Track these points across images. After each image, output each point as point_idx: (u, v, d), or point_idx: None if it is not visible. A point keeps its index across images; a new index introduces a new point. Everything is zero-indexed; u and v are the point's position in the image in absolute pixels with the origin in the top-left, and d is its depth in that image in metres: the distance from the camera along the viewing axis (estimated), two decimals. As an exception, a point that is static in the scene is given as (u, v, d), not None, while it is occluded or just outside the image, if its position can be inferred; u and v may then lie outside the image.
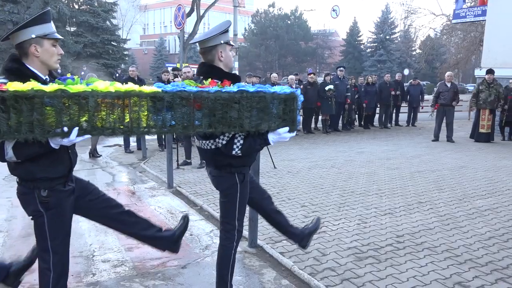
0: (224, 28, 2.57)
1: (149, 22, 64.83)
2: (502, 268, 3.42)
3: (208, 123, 2.25)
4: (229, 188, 2.66)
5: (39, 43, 2.11)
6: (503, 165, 7.47)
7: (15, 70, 2.09)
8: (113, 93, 2.02)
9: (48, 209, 2.19)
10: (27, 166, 2.11)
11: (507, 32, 11.29)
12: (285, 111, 2.43)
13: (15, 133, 1.87)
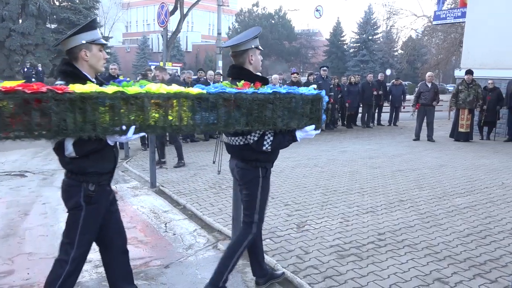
0: (255, 34, 2.78)
1: (131, 20, 64.12)
2: (480, 264, 3.51)
3: (246, 122, 2.43)
4: (251, 180, 2.82)
5: (88, 48, 2.30)
6: (481, 163, 7.64)
7: (69, 73, 2.27)
8: (165, 94, 2.18)
9: (89, 204, 2.34)
10: (80, 161, 2.27)
11: (485, 34, 11.55)
12: (311, 110, 2.65)
13: (80, 131, 2.02)
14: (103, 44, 2.39)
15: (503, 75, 10.95)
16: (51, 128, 1.98)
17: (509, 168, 7.24)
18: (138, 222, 4.62)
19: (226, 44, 2.89)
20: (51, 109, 1.95)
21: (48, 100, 1.94)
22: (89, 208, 2.35)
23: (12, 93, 1.88)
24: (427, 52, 38.65)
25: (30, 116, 1.93)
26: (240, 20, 46.65)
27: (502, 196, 5.54)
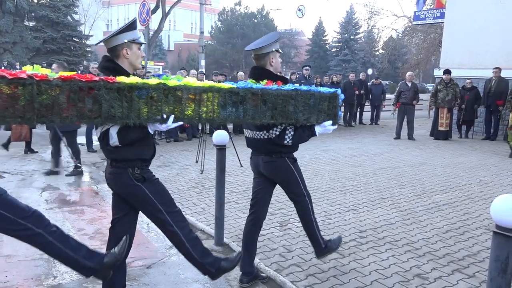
0: (276, 38, 3.02)
1: (112, 18, 63.28)
2: (458, 259, 3.59)
3: (271, 115, 2.67)
4: (282, 170, 3.01)
5: (129, 47, 2.47)
6: (460, 161, 7.80)
7: (112, 69, 2.42)
8: (200, 87, 2.39)
9: (144, 181, 2.50)
10: (124, 150, 2.41)
11: (463, 34, 11.79)
12: (329, 107, 2.92)
13: (126, 118, 2.18)
14: (141, 43, 2.57)
15: (480, 75, 11.20)
16: (101, 115, 2.13)
17: (487, 166, 7.41)
18: (120, 222, 4.57)
19: (249, 47, 3.07)
20: (102, 96, 2.11)
21: (100, 88, 2.10)
22: (146, 184, 2.51)
23: (69, 81, 2.03)
24: (407, 52, 39.23)
25: (83, 103, 2.08)
26: (223, 19, 46.52)
27: (479, 193, 5.67)
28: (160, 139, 10.21)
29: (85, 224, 4.50)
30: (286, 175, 3.03)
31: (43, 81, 1.98)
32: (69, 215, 4.75)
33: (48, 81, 1.99)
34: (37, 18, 24.64)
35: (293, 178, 3.04)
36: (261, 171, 3.09)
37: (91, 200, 5.38)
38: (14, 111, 1.95)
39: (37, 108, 1.98)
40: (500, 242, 1.89)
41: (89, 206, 5.12)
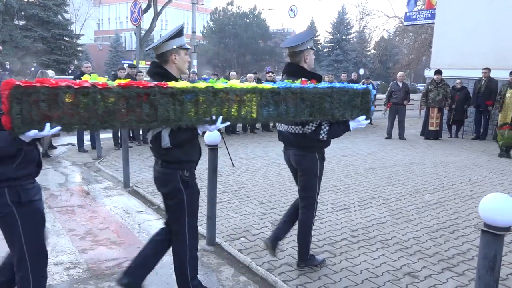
0: (311, 36, 3.20)
1: (103, 17, 62.89)
2: (448, 258, 3.62)
3: (309, 113, 2.80)
4: (310, 164, 3.14)
5: (177, 53, 2.61)
6: (450, 161, 7.87)
7: (162, 74, 2.57)
8: (245, 89, 2.53)
9: (187, 188, 2.65)
10: (175, 151, 2.54)
11: (454, 35, 11.90)
12: (362, 102, 3.04)
13: (179, 121, 2.33)
14: (188, 49, 2.71)
15: (470, 75, 11.31)
16: (157, 118, 2.27)
17: (476, 165, 7.49)
18: (111, 223, 4.55)
19: (285, 44, 3.22)
20: (157, 101, 2.24)
21: (155, 94, 2.24)
22: (188, 191, 2.65)
23: (128, 88, 2.16)
24: (398, 52, 39.48)
25: (141, 108, 2.21)
26: (215, 18, 46.44)
27: (469, 192, 5.73)
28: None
29: (76, 224, 4.47)
30: (310, 170, 3.15)
31: (105, 89, 2.11)
32: (60, 215, 4.72)
33: (109, 89, 2.12)
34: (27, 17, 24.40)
35: (313, 176, 3.16)
36: (291, 164, 3.26)
37: (82, 200, 5.35)
38: (80, 118, 2.07)
39: (100, 115, 2.11)
40: (488, 240, 1.91)
41: (80, 206, 5.09)
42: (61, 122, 2.03)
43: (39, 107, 1.95)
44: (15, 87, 1.88)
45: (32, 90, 1.93)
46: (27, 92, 1.92)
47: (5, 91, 1.88)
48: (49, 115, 1.99)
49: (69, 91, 2.02)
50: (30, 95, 1.93)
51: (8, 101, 1.87)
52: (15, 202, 2.16)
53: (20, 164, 2.16)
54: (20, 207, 2.18)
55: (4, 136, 1.99)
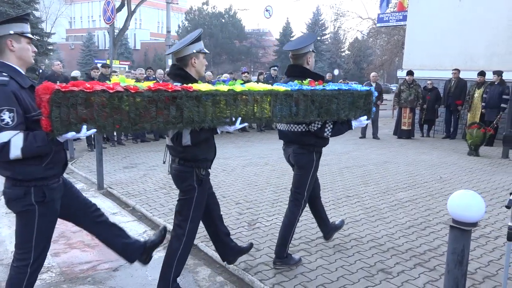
0: (313, 40, 3.42)
1: (76, 15, 61.57)
2: (420, 254, 3.72)
3: (317, 114, 2.98)
4: (307, 163, 3.29)
5: (197, 56, 2.76)
6: (421, 159, 8.08)
7: (183, 76, 2.72)
8: (262, 91, 2.69)
9: (200, 185, 2.78)
10: (192, 150, 2.69)
11: (425, 37, 12.21)
12: (364, 103, 3.24)
13: (203, 122, 2.47)
14: (206, 53, 2.87)
15: (441, 76, 11.64)
16: (183, 120, 2.40)
17: (447, 163, 7.71)
18: (85, 225, 4.46)
19: (288, 47, 3.36)
20: (184, 104, 2.38)
21: (182, 97, 2.37)
22: (200, 189, 2.79)
23: (157, 92, 2.28)
24: (372, 53, 40.16)
25: (168, 110, 2.34)
26: (190, 18, 46.15)
27: (440, 189, 5.89)
28: (127, 140, 10.03)
29: (48, 227, 4.36)
30: (305, 167, 3.31)
31: (137, 93, 2.22)
32: (31, 218, 4.60)
33: (140, 92, 2.24)
34: (-5, 14, 23.62)
35: (306, 175, 3.32)
36: (290, 161, 3.42)
37: (54, 203, 5.23)
38: (114, 120, 2.18)
39: (132, 117, 2.23)
40: (456, 235, 1.98)
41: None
42: (96, 124, 2.14)
43: (77, 110, 2.05)
44: (55, 92, 1.98)
45: (71, 94, 2.03)
46: (66, 96, 2.01)
47: (45, 95, 1.98)
48: (85, 117, 2.09)
49: (104, 95, 2.13)
50: (69, 99, 2.02)
51: (48, 105, 1.96)
52: (39, 202, 2.25)
53: (48, 164, 2.24)
54: (42, 205, 2.27)
55: (42, 136, 2.08)
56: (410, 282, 3.21)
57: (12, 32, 2.22)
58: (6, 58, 2.23)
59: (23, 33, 2.27)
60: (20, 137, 2.07)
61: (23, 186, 2.21)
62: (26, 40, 2.29)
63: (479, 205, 1.95)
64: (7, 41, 2.22)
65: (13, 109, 2.06)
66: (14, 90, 2.11)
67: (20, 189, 2.21)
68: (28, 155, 2.10)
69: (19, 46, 2.25)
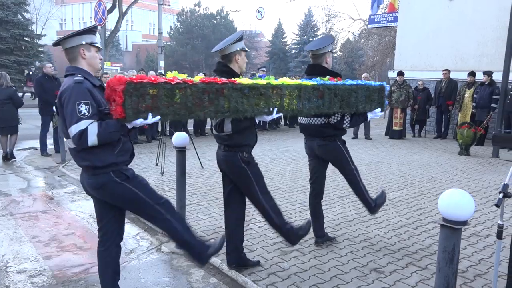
0: (331, 41, 3.76)
1: (66, 17, 61.14)
2: (412, 253, 3.75)
3: (339, 105, 3.32)
4: (335, 151, 3.65)
5: (240, 54, 3.12)
6: (413, 159, 8.14)
7: (229, 72, 3.05)
8: (294, 85, 3.02)
9: (248, 165, 3.12)
10: (236, 137, 3.02)
11: (415, 38, 12.30)
12: (378, 97, 3.62)
13: (246, 112, 2.78)
14: (247, 51, 3.21)
15: (431, 76, 11.73)
16: (230, 110, 2.69)
17: (438, 163, 7.78)
18: (77, 228, 4.45)
19: (308, 48, 3.67)
20: (231, 95, 2.67)
21: (229, 89, 2.67)
22: (250, 167, 3.11)
23: (210, 84, 2.59)
24: (363, 54, 40.29)
25: (218, 100, 2.64)
26: (182, 19, 46.00)
27: (431, 189, 5.94)
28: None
29: (39, 231, 4.34)
30: (338, 156, 3.67)
31: (193, 84, 2.51)
32: (22, 222, 4.57)
33: (196, 84, 2.53)
34: (-15, 16, 23.36)
35: (344, 157, 3.68)
36: (315, 153, 3.73)
37: (46, 206, 5.19)
38: (174, 109, 2.46)
39: (189, 106, 2.52)
40: (447, 234, 2.01)
41: (43, 212, 4.94)
42: (160, 112, 2.41)
43: (145, 99, 2.33)
44: (128, 83, 2.26)
45: (140, 85, 2.31)
46: (137, 87, 2.29)
47: (119, 86, 2.25)
48: (151, 106, 2.36)
49: (167, 86, 2.41)
50: (139, 90, 2.30)
51: (122, 94, 2.24)
52: (124, 180, 2.52)
53: (120, 151, 2.52)
54: (128, 181, 2.54)
55: (114, 123, 2.37)
56: (402, 281, 3.23)
57: (84, 42, 2.54)
58: (79, 65, 2.55)
59: (92, 43, 2.58)
60: (95, 125, 2.35)
61: (102, 173, 2.48)
62: (95, 49, 2.60)
63: (469, 204, 1.97)
64: (80, 50, 2.53)
65: (88, 102, 2.36)
66: (88, 87, 2.42)
67: (101, 176, 2.49)
68: (102, 141, 2.38)
69: (90, 54, 2.57)
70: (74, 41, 2.54)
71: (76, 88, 2.38)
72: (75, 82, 2.41)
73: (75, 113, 2.33)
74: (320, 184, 3.86)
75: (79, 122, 2.32)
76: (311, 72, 3.62)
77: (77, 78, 2.43)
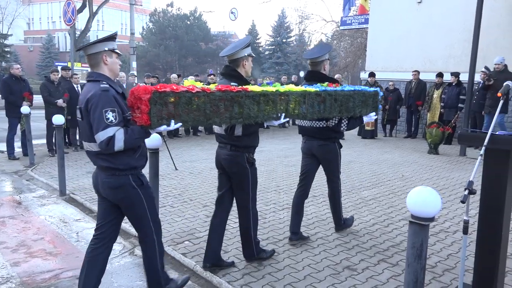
0: (329, 49, 4.07)
1: (34, 16, 59.48)
2: (383, 250, 3.83)
3: (339, 110, 3.55)
4: (332, 152, 3.94)
5: (247, 59, 3.27)
6: (385, 158, 8.31)
7: (237, 76, 3.21)
8: (299, 92, 3.23)
9: (251, 166, 3.30)
10: (244, 139, 3.20)
11: (386, 40, 12.57)
12: (373, 102, 3.89)
13: (257, 118, 2.94)
14: (253, 56, 3.37)
15: (402, 77, 12.01)
16: (243, 116, 2.86)
17: (408, 162, 7.97)
18: (47, 233, 4.33)
19: (307, 56, 3.94)
20: (244, 103, 2.84)
21: (242, 96, 2.84)
22: (252, 169, 3.30)
23: (225, 92, 2.76)
24: (336, 55, 40.87)
25: (232, 107, 2.81)
26: (155, 20, 45.46)
27: (402, 187, 6.08)
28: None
29: (6, 237, 4.20)
30: (334, 158, 3.97)
31: (211, 93, 2.68)
32: (-12, 228, 4.41)
33: (213, 93, 2.69)
34: None
35: (335, 162, 3.99)
36: (313, 153, 3.96)
37: (13, 211, 5.03)
38: (194, 116, 2.62)
39: (207, 113, 2.68)
40: (415, 230, 2.06)
41: (11, 217, 4.79)
42: (181, 119, 2.56)
43: (168, 107, 2.48)
44: (154, 92, 2.40)
45: (164, 94, 2.45)
46: (161, 96, 2.44)
47: (145, 95, 2.39)
48: (173, 113, 2.51)
49: (187, 95, 2.57)
50: (163, 98, 2.45)
51: (148, 103, 2.38)
52: (139, 185, 2.67)
53: (139, 155, 2.68)
54: (142, 188, 2.69)
55: (138, 130, 2.51)
56: (374, 277, 3.30)
57: (107, 48, 2.65)
58: (101, 70, 2.64)
59: (113, 50, 2.70)
60: (121, 132, 2.47)
61: (122, 175, 2.61)
62: (116, 55, 2.72)
63: (436, 201, 2.03)
64: (103, 56, 2.63)
65: (115, 109, 2.47)
66: (114, 94, 2.53)
67: (121, 178, 2.61)
68: (128, 146, 2.52)
69: (111, 60, 2.68)
70: (97, 48, 2.64)
71: (103, 95, 2.48)
72: (101, 89, 2.50)
73: (102, 120, 2.43)
74: (309, 180, 4.06)
75: (107, 129, 2.43)
76: (311, 78, 3.84)
77: (103, 86, 2.53)
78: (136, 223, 2.80)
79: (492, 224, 2.61)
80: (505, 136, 2.56)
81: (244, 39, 3.33)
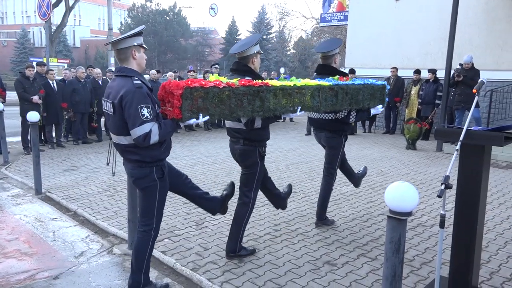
0: (340, 43, 4.18)
1: (8, 10, 57.85)
2: (363, 245, 3.87)
3: (349, 103, 3.76)
4: (337, 143, 4.12)
5: (256, 56, 3.37)
6: (364, 154, 8.40)
7: (249, 71, 3.31)
8: (314, 86, 3.41)
9: (261, 161, 3.43)
10: (258, 132, 3.32)
11: (364, 36, 12.70)
12: (380, 94, 4.11)
13: (275, 111, 3.13)
14: (261, 53, 3.46)
15: (380, 74, 12.12)
16: (263, 109, 3.03)
17: (387, 157, 8.08)
18: (21, 232, 4.23)
19: (320, 50, 4.12)
20: (265, 97, 3.01)
21: (264, 91, 3.00)
22: (261, 163, 3.43)
23: (248, 87, 2.92)
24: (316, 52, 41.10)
25: (254, 101, 2.97)
26: (133, 15, 44.82)
27: (381, 182, 6.17)
28: (67, 141, 9.57)
29: (-21, 237, 4.08)
30: (337, 148, 4.14)
31: (236, 88, 2.84)
32: (-40, 228, 4.28)
33: (238, 88, 2.85)
34: None
35: (337, 153, 4.16)
36: (322, 143, 4.25)
37: (-13, 210, 4.89)
38: (220, 110, 2.78)
39: (232, 107, 2.84)
40: (393, 225, 2.09)
41: (-16, 217, 4.65)
42: (208, 113, 2.72)
43: (197, 102, 2.65)
44: (186, 88, 2.57)
45: (195, 89, 2.62)
46: (192, 91, 2.61)
47: (177, 90, 2.56)
48: (202, 107, 2.68)
49: (215, 90, 2.71)
50: (193, 93, 2.61)
51: (181, 98, 2.55)
52: (159, 178, 2.80)
53: (165, 148, 2.81)
54: (161, 181, 2.82)
55: (170, 123, 2.68)
56: (354, 272, 3.33)
57: (136, 44, 2.74)
58: (130, 65, 2.74)
59: (141, 45, 2.79)
60: (156, 127, 2.60)
61: (148, 167, 2.74)
62: (143, 50, 2.82)
63: (413, 195, 2.06)
64: (132, 51, 2.73)
65: (149, 105, 2.58)
66: (147, 90, 2.65)
67: (146, 169, 2.75)
68: (162, 139, 2.66)
69: (139, 55, 2.77)
70: (127, 43, 2.73)
71: (137, 92, 2.58)
72: (136, 86, 2.60)
73: (138, 117, 2.55)
74: (345, 162, 4.45)
75: (143, 125, 2.55)
76: (322, 72, 4.02)
77: (136, 83, 2.62)
78: (142, 210, 2.91)
79: (467, 218, 2.66)
80: (480, 131, 2.62)
81: (254, 37, 3.47)
